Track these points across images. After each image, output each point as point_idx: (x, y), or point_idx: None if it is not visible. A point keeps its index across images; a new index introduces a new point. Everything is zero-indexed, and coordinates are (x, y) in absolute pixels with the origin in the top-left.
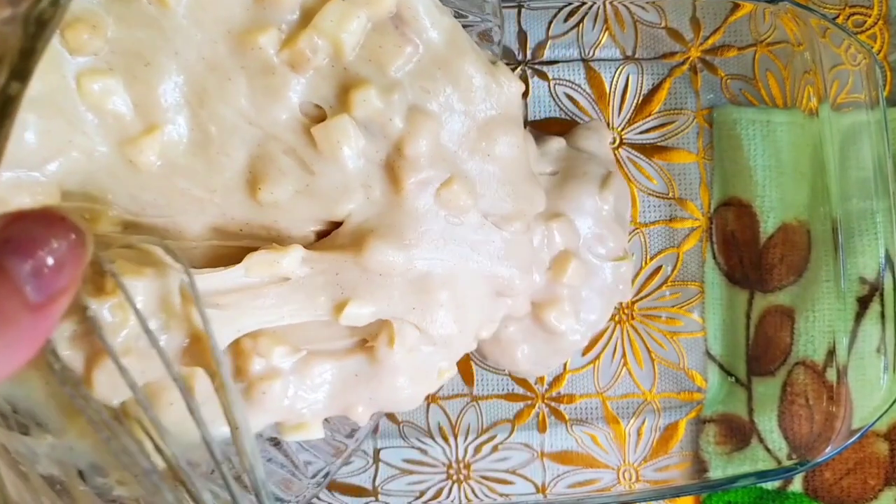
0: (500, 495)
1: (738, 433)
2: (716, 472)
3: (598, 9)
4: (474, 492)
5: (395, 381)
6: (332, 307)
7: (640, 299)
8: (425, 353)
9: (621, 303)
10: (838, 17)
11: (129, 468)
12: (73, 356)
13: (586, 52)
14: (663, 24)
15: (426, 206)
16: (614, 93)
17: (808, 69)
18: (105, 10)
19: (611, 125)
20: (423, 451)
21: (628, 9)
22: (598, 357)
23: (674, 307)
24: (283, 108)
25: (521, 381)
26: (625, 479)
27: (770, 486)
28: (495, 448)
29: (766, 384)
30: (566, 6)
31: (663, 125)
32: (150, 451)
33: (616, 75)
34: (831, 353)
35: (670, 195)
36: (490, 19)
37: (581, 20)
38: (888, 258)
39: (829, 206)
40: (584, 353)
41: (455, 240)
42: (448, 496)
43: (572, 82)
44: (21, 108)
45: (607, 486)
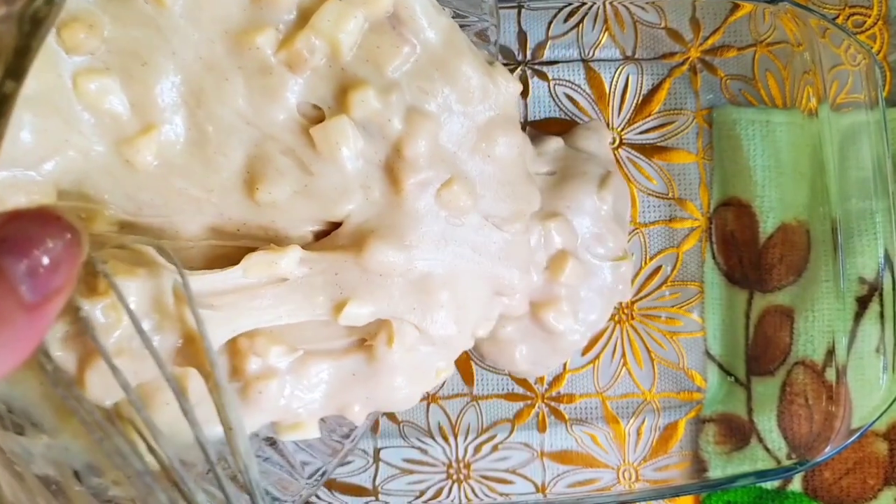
0: (500, 495)
1: (738, 433)
2: (715, 472)
3: (598, 9)
4: (474, 491)
5: (392, 381)
6: (331, 307)
7: (640, 299)
8: (423, 352)
9: (621, 303)
10: (838, 17)
11: (122, 469)
12: (65, 357)
13: (586, 52)
14: (663, 25)
15: (426, 206)
16: (614, 93)
17: (807, 69)
18: (101, 10)
19: (610, 125)
20: (424, 451)
21: (628, 9)
22: (597, 357)
23: (673, 307)
24: (281, 109)
25: (521, 381)
26: (624, 478)
27: (769, 485)
28: (495, 448)
29: (765, 384)
30: (566, 6)
31: (663, 125)
32: (144, 451)
33: (616, 75)
34: (830, 353)
35: (670, 195)
36: (487, 19)
37: (581, 20)
38: (887, 258)
39: (828, 207)
40: (583, 353)
41: (456, 240)
42: (448, 496)
43: (572, 82)
44: (17, 107)
45: (607, 485)
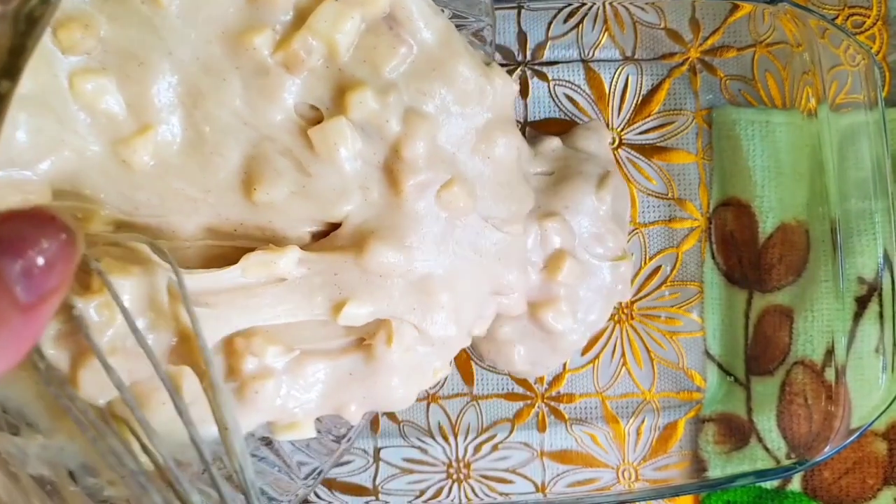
0: (500, 494)
1: (737, 432)
2: (715, 472)
3: (598, 10)
4: (474, 491)
5: (390, 381)
6: (329, 307)
7: (640, 299)
8: (421, 353)
9: (620, 303)
10: (837, 17)
11: (116, 469)
12: (58, 355)
13: (586, 52)
14: (663, 25)
15: (426, 207)
16: (614, 93)
17: (806, 70)
18: (98, 10)
19: (610, 126)
20: (424, 451)
21: (628, 10)
22: (597, 357)
23: (673, 307)
24: (278, 109)
25: (521, 381)
26: (624, 478)
27: (769, 485)
28: (495, 447)
29: (764, 384)
30: (566, 7)
31: (663, 126)
32: (138, 451)
33: (615, 76)
34: (830, 353)
35: (669, 195)
36: (483, 19)
37: (581, 21)
38: (886, 258)
39: (827, 207)
40: (583, 353)
41: (456, 241)
42: (448, 495)
43: (572, 83)
44: (12, 106)
45: (607, 485)
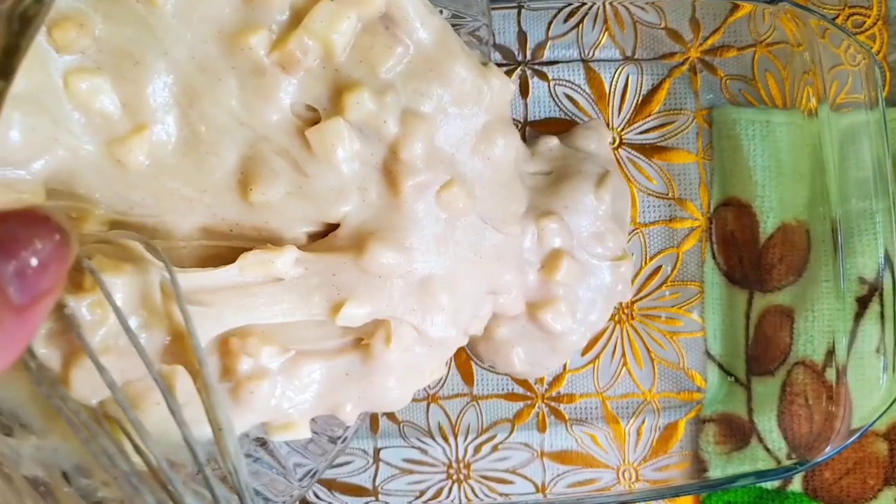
0: (500, 495)
1: (738, 433)
2: (715, 472)
3: (598, 9)
4: (474, 491)
5: (386, 381)
6: (327, 307)
7: (640, 299)
8: (419, 353)
9: (621, 303)
10: (837, 17)
11: (109, 470)
12: (49, 355)
13: (586, 52)
14: (663, 25)
15: (426, 208)
16: (614, 93)
17: (807, 69)
18: (93, 9)
19: (610, 125)
20: (424, 451)
21: (628, 9)
22: (597, 357)
23: (673, 307)
24: (275, 110)
25: (521, 381)
26: (624, 478)
27: (769, 485)
28: (495, 448)
29: (765, 384)
30: (566, 6)
31: (663, 125)
32: (130, 452)
33: (616, 76)
34: (831, 353)
35: (670, 195)
36: (479, 19)
37: (581, 21)
38: (887, 258)
39: (828, 207)
40: (583, 353)
41: (456, 242)
42: (448, 496)
43: (572, 83)
44: (5, 105)
45: (607, 485)
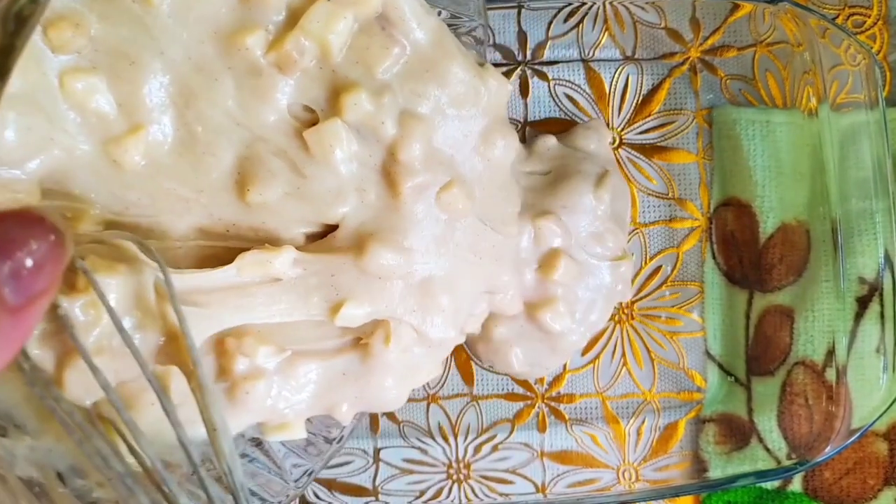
0: (500, 495)
1: (738, 433)
2: (715, 472)
3: (598, 9)
4: (474, 491)
5: (384, 381)
6: (326, 308)
7: (640, 299)
8: (417, 353)
9: (621, 303)
10: (838, 17)
11: (103, 471)
12: (42, 355)
13: (586, 52)
14: (663, 25)
15: (426, 209)
16: (614, 93)
17: (807, 69)
18: (88, 9)
19: (610, 125)
20: (424, 451)
21: (628, 9)
22: (597, 357)
23: (673, 307)
24: (272, 110)
25: (521, 381)
26: (624, 478)
27: (769, 485)
28: (495, 448)
29: (765, 384)
30: (566, 6)
31: (663, 125)
32: (125, 453)
33: (616, 75)
34: (831, 353)
35: (670, 195)
36: (475, 19)
37: (581, 20)
38: (887, 258)
39: (828, 207)
40: (583, 353)
41: (456, 244)
42: (448, 496)
43: (572, 82)
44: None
45: (607, 485)
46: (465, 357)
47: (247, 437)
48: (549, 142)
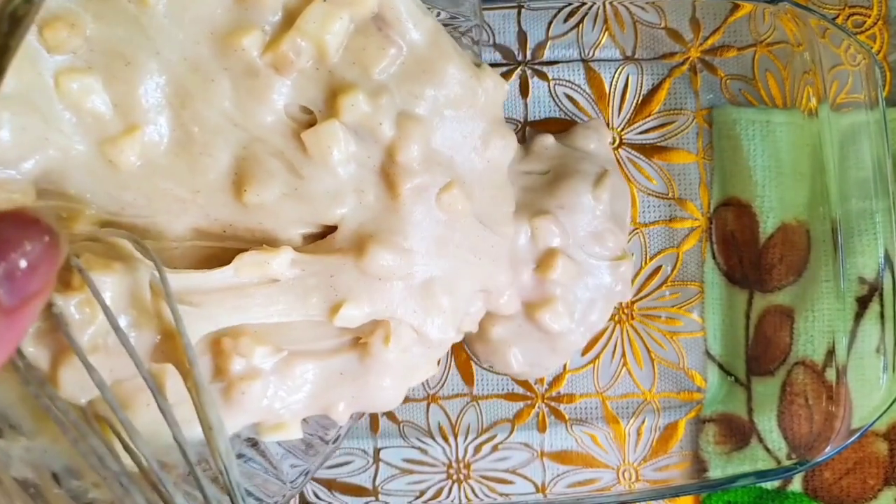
0: (500, 495)
1: (738, 433)
2: (715, 472)
3: (598, 9)
4: (474, 491)
5: (381, 381)
6: (325, 308)
7: (640, 299)
8: (415, 353)
9: (621, 303)
10: (838, 17)
11: (98, 470)
12: (37, 353)
13: (586, 52)
14: (663, 25)
15: (425, 210)
16: (614, 93)
17: (807, 69)
18: (83, 9)
19: (610, 125)
20: (424, 451)
21: (628, 9)
22: (597, 357)
23: (673, 307)
24: (269, 111)
25: (521, 381)
26: (624, 478)
27: (769, 485)
28: (495, 448)
29: (765, 384)
30: (566, 6)
31: (663, 125)
32: (121, 452)
33: (616, 75)
34: (831, 353)
35: (670, 195)
36: (470, 19)
37: (581, 20)
38: (887, 258)
39: (828, 207)
40: (583, 353)
41: (457, 245)
42: (448, 496)
43: (572, 82)
44: None
45: (607, 485)
46: (465, 357)
47: (242, 438)
48: (547, 141)
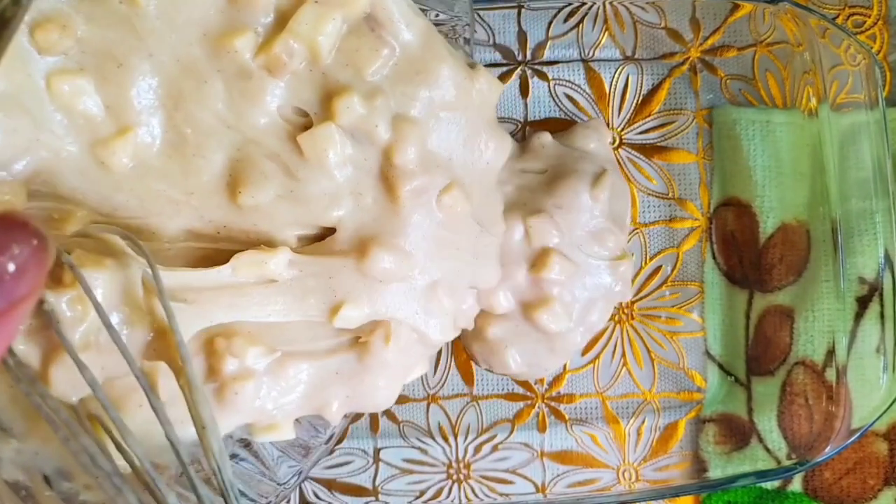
0: (500, 495)
1: (738, 433)
2: (715, 472)
3: (598, 9)
4: (474, 491)
5: (377, 381)
6: (324, 309)
7: (640, 299)
8: (413, 352)
9: (621, 303)
10: (838, 17)
11: (90, 470)
12: (28, 351)
13: (586, 52)
14: (663, 25)
15: (425, 212)
16: (614, 93)
17: (807, 69)
18: (75, 10)
19: (610, 125)
20: (424, 451)
21: (628, 9)
22: (597, 357)
23: (673, 307)
24: (262, 113)
25: (522, 381)
26: (624, 478)
27: (769, 485)
28: (495, 448)
29: (765, 384)
30: (566, 6)
31: (663, 125)
32: (113, 452)
33: (616, 75)
34: (831, 353)
35: (670, 195)
36: (462, 18)
37: (581, 20)
38: (887, 258)
39: (828, 207)
40: (583, 354)
41: (457, 246)
42: (448, 496)
43: (572, 82)
44: None
45: (607, 485)
46: (465, 357)
47: (235, 438)
48: (545, 139)
